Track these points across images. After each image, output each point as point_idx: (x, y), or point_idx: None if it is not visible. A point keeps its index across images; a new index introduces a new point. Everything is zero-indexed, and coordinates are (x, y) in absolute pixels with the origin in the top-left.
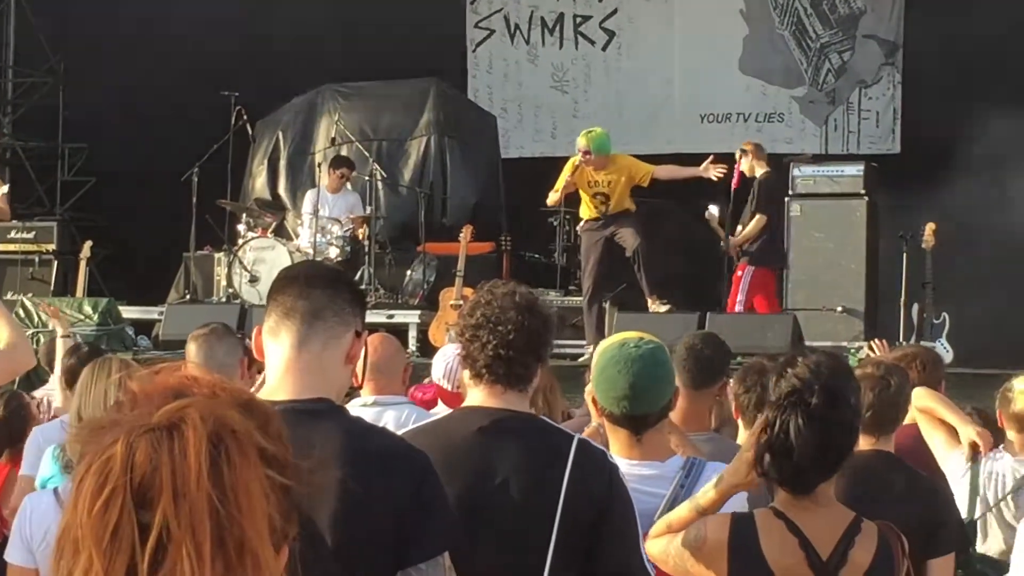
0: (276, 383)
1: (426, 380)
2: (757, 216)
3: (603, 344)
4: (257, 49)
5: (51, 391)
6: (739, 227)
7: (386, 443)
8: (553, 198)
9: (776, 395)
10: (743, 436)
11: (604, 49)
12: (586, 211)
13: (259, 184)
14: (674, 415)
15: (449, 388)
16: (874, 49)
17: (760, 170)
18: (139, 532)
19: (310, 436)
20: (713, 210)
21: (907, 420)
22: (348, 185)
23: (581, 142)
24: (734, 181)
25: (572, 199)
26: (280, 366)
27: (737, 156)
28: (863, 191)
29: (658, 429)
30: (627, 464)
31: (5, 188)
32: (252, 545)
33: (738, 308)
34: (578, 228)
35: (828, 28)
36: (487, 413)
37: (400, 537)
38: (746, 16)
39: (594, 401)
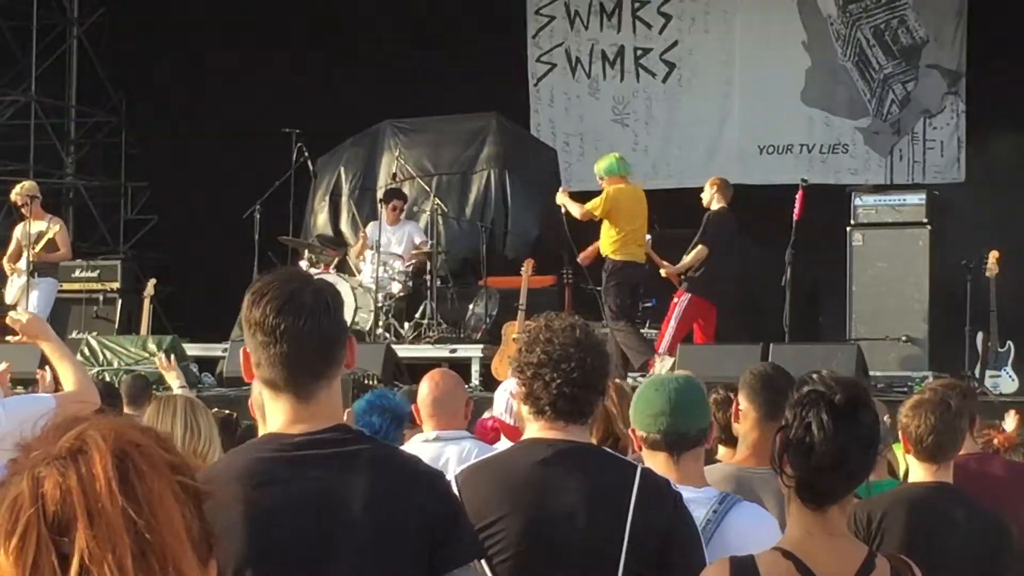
0: (284, 427)
1: (485, 414)
2: (700, 247)
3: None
4: (318, 85)
5: None
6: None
7: (409, 460)
8: None
9: (796, 396)
10: None
11: (664, 81)
12: None
13: (321, 220)
14: (745, 447)
15: (512, 422)
16: (937, 79)
17: (717, 205)
18: (60, 562)
19: (335, 456)
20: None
21: None
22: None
23: None
24: (796, 212)
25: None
26: (285, 418)
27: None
28: (925, 220)
29: (695, 456)
30: None
31: (57, 227)
32: (174, 553)
33: (668, 334)
34: None
35: (891, 59)
36: (549, 444)
37: (433, 545)
38: (808, 47)
39: (633, 433)
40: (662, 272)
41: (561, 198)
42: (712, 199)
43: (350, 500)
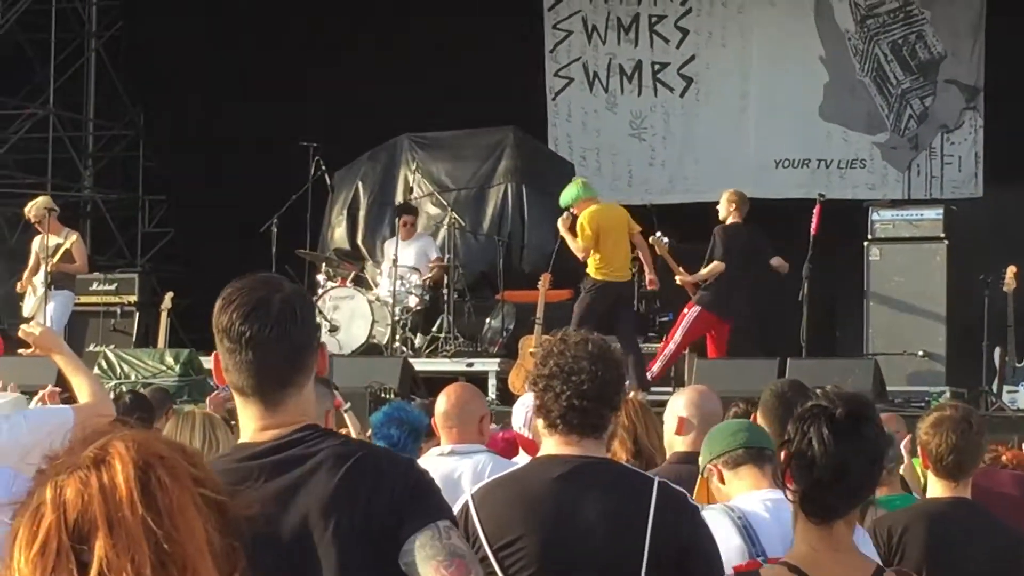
0: (253, 435)
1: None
2: (716, 262)
3: None
4: (337, 98)
5: None
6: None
7: (375, 453)
8: None
9: (799, 411)
10: None
11: (682, 96)
12: None
13: (338, 234)
14: None
15: (530, 436)
16: (955, 94)
17: (732, 220)
18: (79, 570)
19: (299, 458)
20: (663, 238)
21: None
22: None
23: None
24: (813, 227)
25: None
26: (254, 425)
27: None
28: (943, 235)
29: (775, 470)
30: (763, 494)
31: (74, 237)
32: (194, 565)
33: (671, 345)
34: None
35: (909, 74)
36: (565, 461)
37: (395, 522)
38: (826, 62)
39: (714, 467)
40: (677, 279)
41: (563, 230)
42: (729, 214)
43: (311, 499)
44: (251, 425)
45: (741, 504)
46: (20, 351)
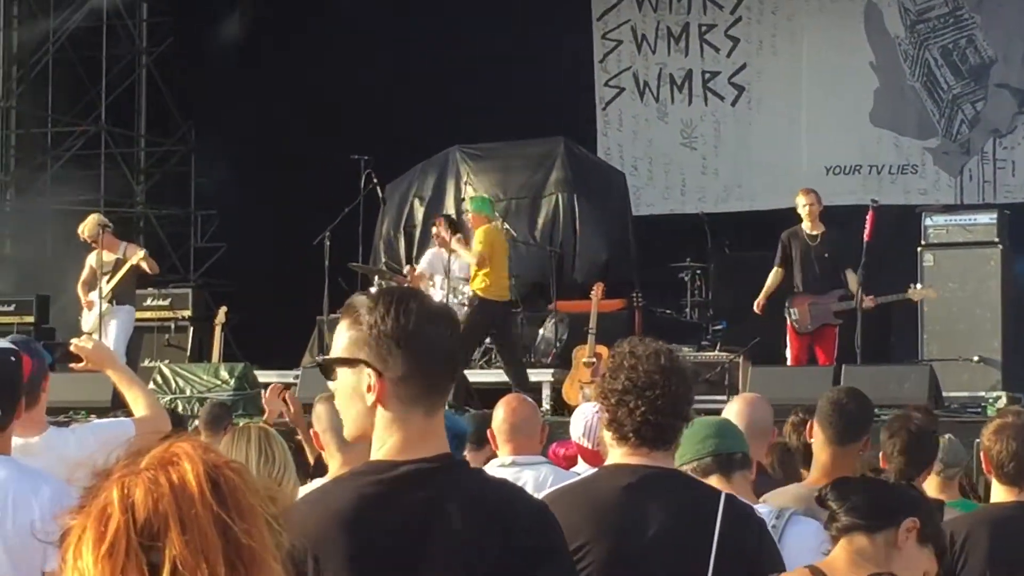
0: (396, 451)
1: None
2: (852, 272)
3: None
4: (387, 111)
5: None
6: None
7: (506, 491)
8: None
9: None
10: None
11: (733, 104)
12: None
13: (395, 251)
14: (816, 469)
15: (589, 446)
16: (1007, 98)
17: (822, 226)
18: (149, 570)
19: (434, 500)
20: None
21: None
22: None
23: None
24: (867, 233)
25: (701, 255)
26: (413, 434)
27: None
28: (996, 239)
29: (744, 478)
30: None
31: (142, 252)
32: (267, 565)
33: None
34: None
35: (960, 79)
36: (634, 471)
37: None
38: (876, 68)
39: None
40: (869, 304)
41: (456, 246)
42: (818, 216)
43: (437, 547)
44: (401, 436)
45: None
46: (72, 366)
